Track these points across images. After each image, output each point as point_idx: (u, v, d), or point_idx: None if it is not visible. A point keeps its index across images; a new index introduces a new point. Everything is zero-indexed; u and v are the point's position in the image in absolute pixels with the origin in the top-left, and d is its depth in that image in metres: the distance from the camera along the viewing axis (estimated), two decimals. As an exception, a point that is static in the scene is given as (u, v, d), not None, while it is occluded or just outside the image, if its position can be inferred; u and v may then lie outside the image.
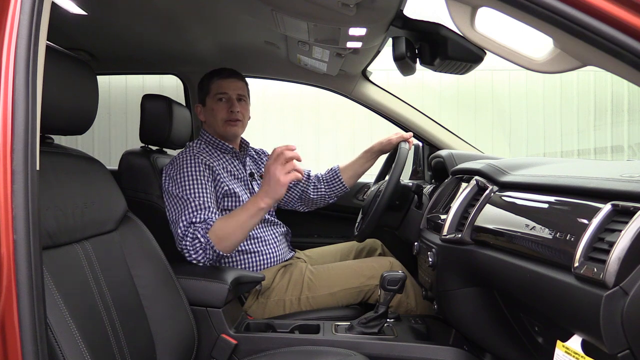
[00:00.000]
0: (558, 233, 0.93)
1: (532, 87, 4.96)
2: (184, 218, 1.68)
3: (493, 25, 0.97)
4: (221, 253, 1.65)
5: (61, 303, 0.94)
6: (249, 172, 2.01)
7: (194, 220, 1.67)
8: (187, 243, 1.65)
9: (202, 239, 1.64)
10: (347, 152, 4.51)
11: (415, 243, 1.66)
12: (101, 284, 1.18)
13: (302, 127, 4.62)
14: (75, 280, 1.09)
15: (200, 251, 1.64)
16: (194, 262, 1.66)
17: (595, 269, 0.80)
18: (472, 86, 4.85)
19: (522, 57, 0.90)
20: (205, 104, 1.96)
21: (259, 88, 4.31)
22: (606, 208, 0.85)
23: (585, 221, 0.87)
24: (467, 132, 2.36)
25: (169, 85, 3.02)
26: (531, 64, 0.90)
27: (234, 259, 1.84)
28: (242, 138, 2.05)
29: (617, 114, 5.12)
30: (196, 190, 1.73)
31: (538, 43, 0.91)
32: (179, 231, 1.67)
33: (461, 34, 0.93)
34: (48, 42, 1.13)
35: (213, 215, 1.71)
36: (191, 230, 1.65)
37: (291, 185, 2.17)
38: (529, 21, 0.82)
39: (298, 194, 2.18)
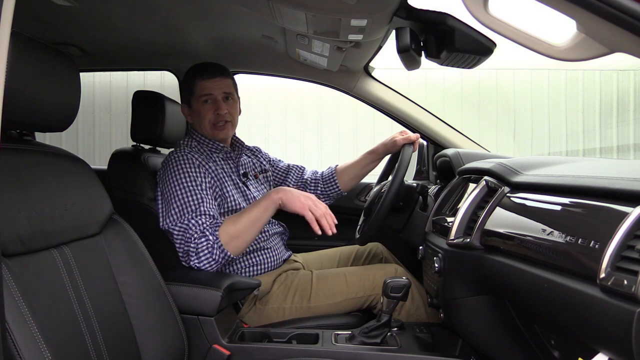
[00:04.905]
0: (580, 239, 0.85)
1: (537, 86, 4.90)
2: (184, 219, 1.59)
3: (508, 9, 0.88)
4: (229, 254, 1.57)
5: (29, 316, 0.85)
6: (242, 172, 1.91)
7: (197, 220, 1.58)
8: (191, 245, 1.56)
9: (211, 237, 1.55)
10: (349, 149, 4.45)
11: (420, 247, 1.58)
12: (81, 292, 1.09)
13: (303, 124, 4.55)
14: (50, 289, 1.00)
15: (207, 251, 1.55)
16: (196, 267, 1.56)
17: (626, 281, 0.71)
18: (476, 86, 4.78)
19: (541, 43, 0.81)
20: (190, 105, 1.85)
21: (259, 84, 4.26)
22: (635, 212, 0.76)
23: (612, 227, 0.78)
24: (471, 132, 2.27)
25: (172, 84, 2.93)
26: (551, 50, 0.81)
27: (228, 263, 1.74)
28: (235, 137, 1.95)
29: (623, 113, 5.05)
30: (195, 191, 1.64)
31: (559, 28, 0.82)
32: (181, 233, 1.59)
33: (473, 17, 0.84)
34: (28, 34, 1.06)
35: (215, 214, 1.62)
36: (196, 230, 1.57)
37: (288, 187, 2.08)
38: (549, 1, 0.73)
39: None
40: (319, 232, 1.58)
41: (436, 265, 1.36)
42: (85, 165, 1.28)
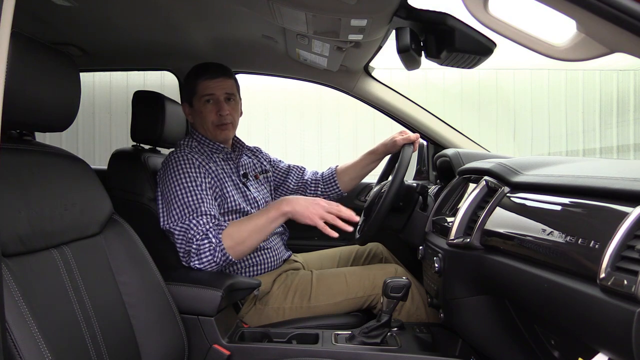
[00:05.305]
0: (580, 239, 0.84)
1: (537, 86, 4.90)
2: (185, 219, 1.60)
3: (508, 9, 0.88)
4: (230, 257, 1.57)
5: (29, 316, 0.85)
6: (242, 172, 1.91)
7: (199, 220, 1.59)
8: (193, 245, 1.56)
9: (213, 240, 1.56)
10: (349, 149, 4.45)
11: (420, 247, 1.58)
12: (81, 292, 1.09)
13: (303, 124, 4.55)
14: (50, 289, 1.00)
15: (208, 253, 1.55)
16: (196, 267, 1.57)
17: (626, 281, 0.71)
18: (476, 86, 4.78)
19: (541, 43, 0.81)
20: (192, 104, 1.86)
21: (259, 84, 4.25)
22: (635, 212, 0.76)
23: (612, 227, 0.78)
24: (471, 132, 2.27)
25: (172, 84, 2.94)
26: (551, 50, 0.80)
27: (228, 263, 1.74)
28: (235, 137, 1.96)
29: (623, 113, 5.05)
30: (195, 191, 1.65)
31: (559, 28, 0.82)
32: (182, 233, 1.59)
33: (473, 17, 0.84)
34: (28, 34, 1.06)
35: (216, 213, 1.63)
36: (197, 231, 1.57)
37: (289, 187, 2.09)
38: (549, 1, 0.73)
39: (293, 193, 2.10)
40: (336, 236, 1.57)
41: (436, 265, 1.36)
42: (85, 165, 1.28)
